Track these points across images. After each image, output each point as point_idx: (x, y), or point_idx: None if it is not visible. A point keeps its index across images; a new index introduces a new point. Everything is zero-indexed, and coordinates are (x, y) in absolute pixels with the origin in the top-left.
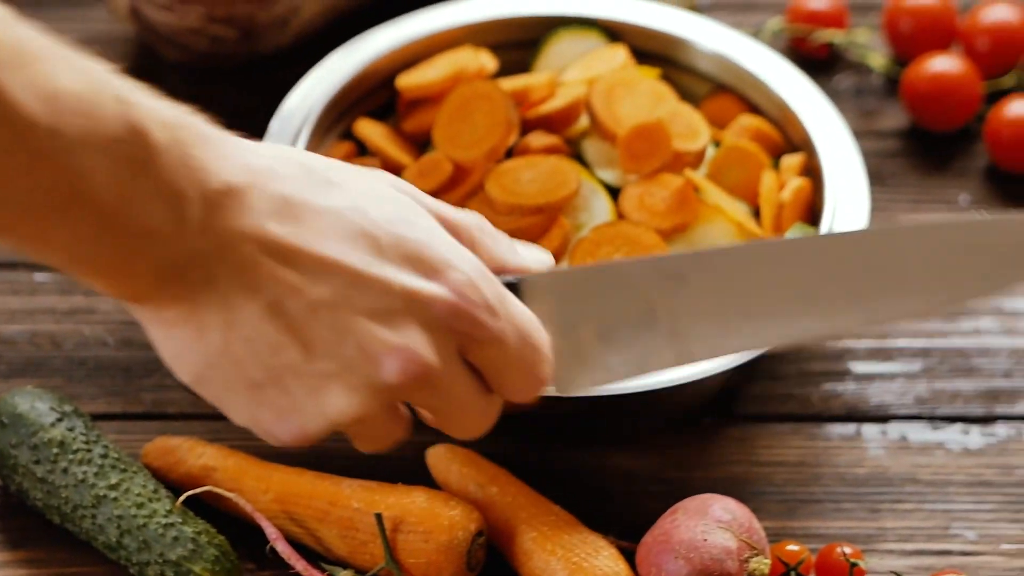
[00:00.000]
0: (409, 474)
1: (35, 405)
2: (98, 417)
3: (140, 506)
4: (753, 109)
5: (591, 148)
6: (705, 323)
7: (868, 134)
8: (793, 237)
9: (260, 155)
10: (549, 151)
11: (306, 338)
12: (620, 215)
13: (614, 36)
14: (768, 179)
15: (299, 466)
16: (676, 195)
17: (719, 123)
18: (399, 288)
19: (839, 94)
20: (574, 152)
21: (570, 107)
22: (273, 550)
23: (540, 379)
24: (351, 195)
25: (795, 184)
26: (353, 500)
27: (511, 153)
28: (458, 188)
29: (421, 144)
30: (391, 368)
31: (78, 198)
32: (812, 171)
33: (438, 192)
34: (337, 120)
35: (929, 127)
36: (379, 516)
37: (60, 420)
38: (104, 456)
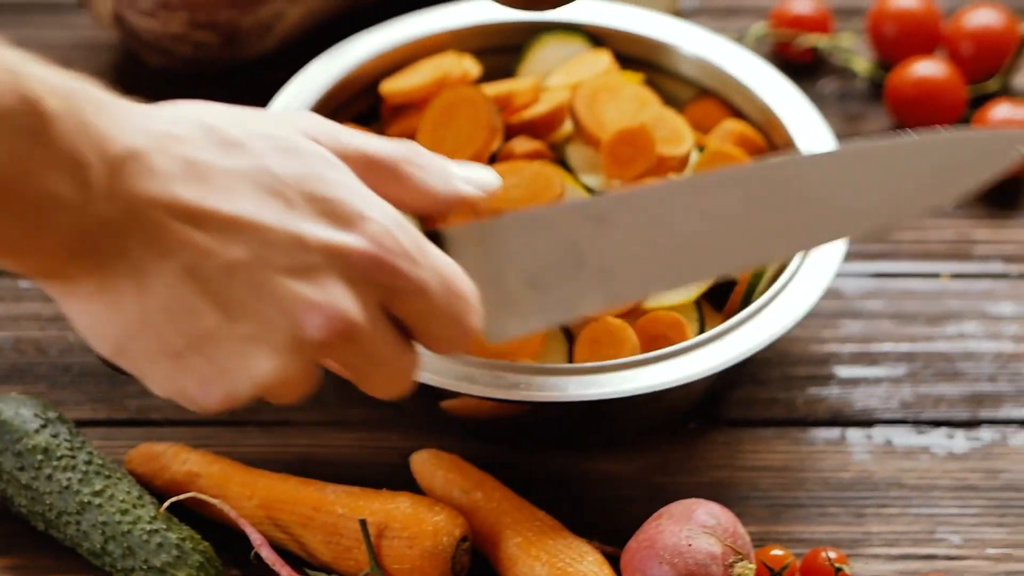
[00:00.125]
0: (394, 479)
1: (19, 411)
2: (82, 423)
3: (124, 512)
4: (737, 114)
5: (575, 153)
6: (632, 263)
7: (852, 138)
8: (714, 170)
9: (159, 118)
10: (533, 156)
11: (224, 301)
12: None
13: (598, 41)
14: None
15: (284, 472)
16: None
17: (703, 128)
18: (314, 242)
19: (823, 98)
20: (558, 157)
21: (554, 112)
22: (258, 556)
23: (468, 328)
24: (256, 153)
25: None
26: (337, 506)
27: (495, 158)
28: None
29: None
30: (314, 325)
31: None
32: None
33: None
34: None
35: (913, 131)
36: (363, 522)
37: (44, 426)
38: (88, 462)
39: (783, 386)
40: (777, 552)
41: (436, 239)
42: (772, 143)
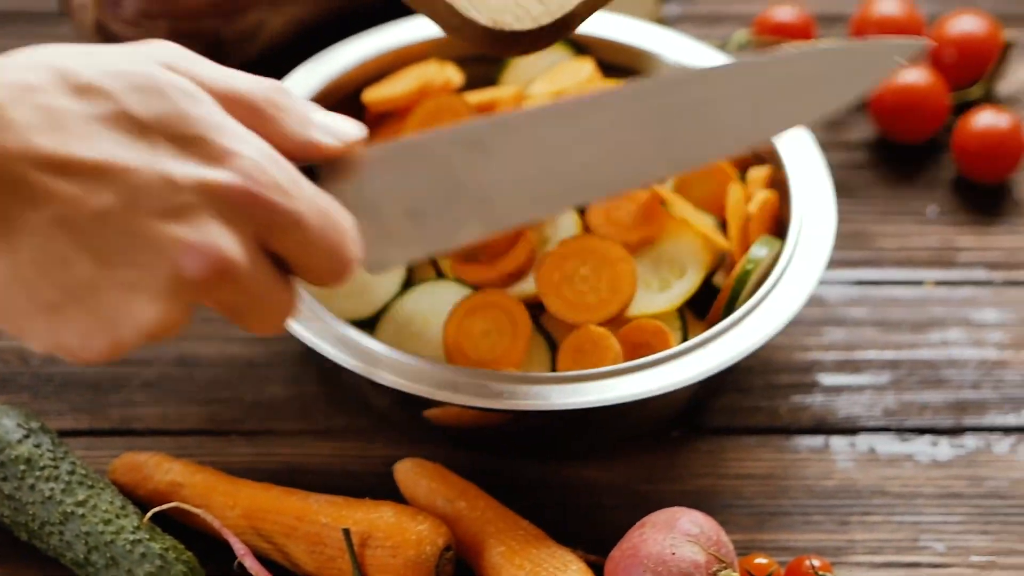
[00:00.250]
0: (378, 489)
1: (2, 422)
2: (65, 433)
3: (107, 522)
4: None
5: None
6: (511, 188)
7: (835, 146)
8: (592, 92)
9: (11, 68)
10: None
11: (98, 250)
12: (587, 229)
13: (580, 49)
14: (735, 192)
15: (267, 481)
16: (643, 208)
17: None
18: (184, 181)
19: None
20: None
21: None
22: (241, 566)
23: (347, 260)
24: (113, 94)
25: (762, 197)
26: (321, 515)
27: None
28: None
29: None
30: (192, 266)
31: None
32: (779, 183)
33: None
34: None
35: (896, 139)
36: (347, 531)
37: (27, 437)
38: (71, 472)
39: (766, 394)
40: (761, 560)
41: (310, 174)
42: (754, 151)
